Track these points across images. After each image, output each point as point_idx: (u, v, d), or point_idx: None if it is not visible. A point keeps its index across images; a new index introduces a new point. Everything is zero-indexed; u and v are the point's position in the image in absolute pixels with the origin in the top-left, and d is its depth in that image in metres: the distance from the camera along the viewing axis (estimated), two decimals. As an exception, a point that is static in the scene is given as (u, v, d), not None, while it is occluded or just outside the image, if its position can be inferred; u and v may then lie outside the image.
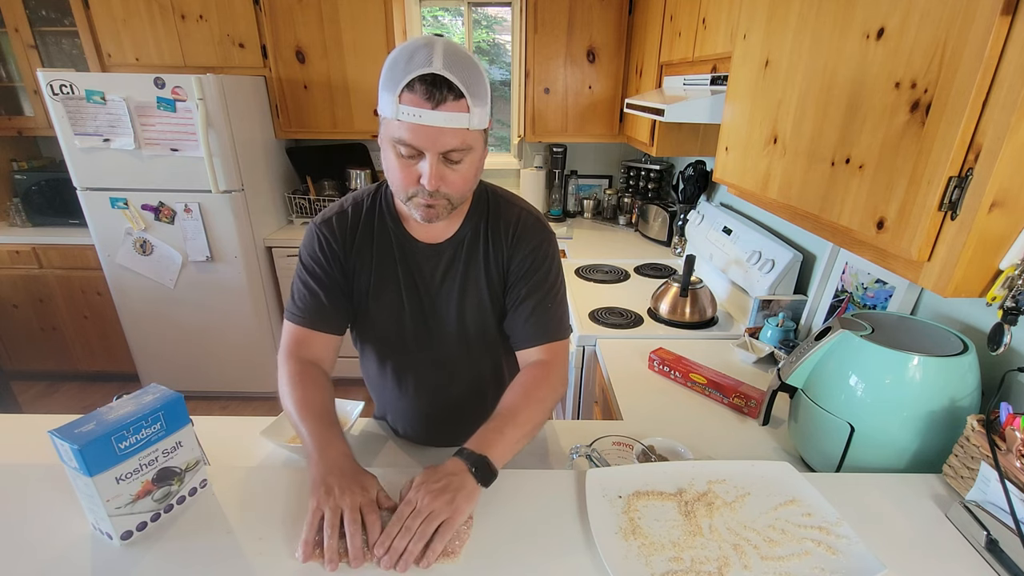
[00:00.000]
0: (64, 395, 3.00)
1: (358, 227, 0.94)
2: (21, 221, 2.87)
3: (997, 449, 0.72)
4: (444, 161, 0.77)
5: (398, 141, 0.76)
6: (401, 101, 0.73)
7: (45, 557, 0.68)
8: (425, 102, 0.72)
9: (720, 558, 0.67)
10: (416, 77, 0.72)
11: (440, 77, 0.72)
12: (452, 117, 0.73)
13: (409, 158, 0.78)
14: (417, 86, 0.72)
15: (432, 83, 0.72)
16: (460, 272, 0.94)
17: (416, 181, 0.79)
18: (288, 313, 0.95)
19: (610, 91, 2.70)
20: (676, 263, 2.33)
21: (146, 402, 0.70)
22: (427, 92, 0.72)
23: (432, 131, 0.74)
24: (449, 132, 0.74)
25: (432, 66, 0.71)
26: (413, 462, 1.02)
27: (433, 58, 0.72)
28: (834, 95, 0.89)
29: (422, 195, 0.80)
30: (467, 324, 0.97)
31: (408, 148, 0.76)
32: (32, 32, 2.66)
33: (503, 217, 0.95)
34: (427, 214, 0.83)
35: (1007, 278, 0.69)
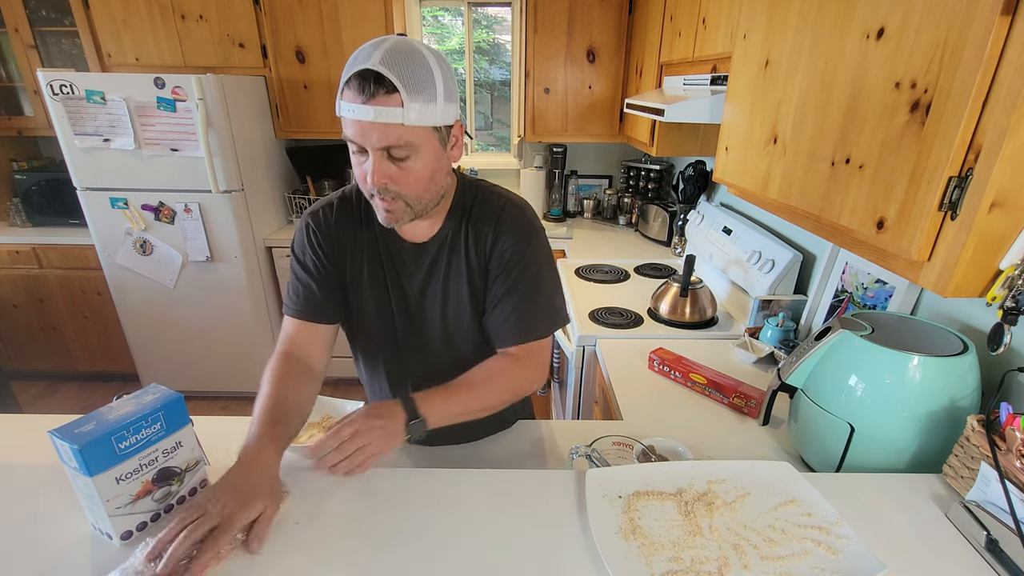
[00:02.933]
0: (64, 395, 3.00)
1: (345, 221, 0.94)
2: (21, 221, 2.87)
3: (997, 449, 0.72)
4: (389, 159, 0.77)
5: (347, 137, 0.77)
6: (342, 97, 0.75)
7: (45, 557, 0.68)
8: (358, 96, 0.73)
9: (720, 558, 0.67)
10: (353, 73, 0.73)
11: (373, 72, 0.72)
12: (383, 112, 0.73)
13: (359, 153, 0.78)
14: (353, 82, 0.73)
15: (364, 78, 0.72)
16: (443, 271, 0.94)
17: (364, 179, 0.79)
18: (284, 307, 0.97)
19: (610, 91, 2.70)
20: (676, 263, 2.33)
21: (146, 402, 0.70)
22: (360, 87, 0.73)
23: (365, 126, 0.74)
24: (381, 127, 0.74)
25: (369, 62, 0.72)
26: (409, 463, 1.02)
27: (372, 55, 0.73)
28: (834, 95, 0.89)
29: (378, 196, 0.81)
30: (450, 325, 0.96)
31: (353, 144, 0.77)
32: (32, 32, 2.66)
33: (486, 209, 0.93)
34: (386, 217, 0.83)
35: (1007, 278, 0.69)
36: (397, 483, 0.82)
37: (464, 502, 0.78)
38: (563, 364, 1.96)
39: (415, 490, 0.81)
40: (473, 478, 0.83)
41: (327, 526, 0.74)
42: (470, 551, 0.70)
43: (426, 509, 0.77)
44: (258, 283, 2.69)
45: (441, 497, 0.79)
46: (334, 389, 3.01)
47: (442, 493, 0.80)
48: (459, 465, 0.97)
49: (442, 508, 0.77)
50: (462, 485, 0.82)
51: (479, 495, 0.80)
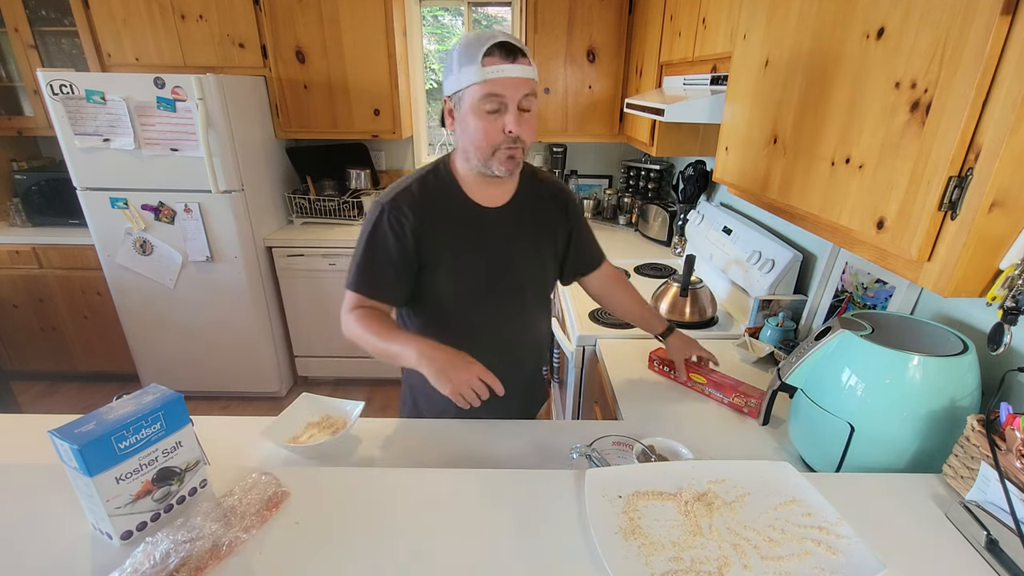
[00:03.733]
0: (64, 395, 3.00)
1: (426, 199, 1.07)
2: (21, 221, 2.87)
3: (997, 449, 0.72)
4: (520, 111, 0.97)
5: (486, 97, 0.95)
6: (484, 65, 0.93)
7: (45, 557, 0.68)
8: (504, 60, 0.93)
9: (720, 558, 0.67)
10: (495, 44, 0.93)
11: (509, 43, 0.94)
12: (525, 69, 0.96)
13: (492, 113, 0.96)
14: (495, 51, 0.93)
15: (505, 47, 0.94)
16: (524, 228, 1.14)
17: (500, 133, 0.97)
18: (355, 283, 1.08)
19: (610, 91, 2.70)
20: (676, 263, 2.33)
21: (146, 402, 0.70)
22: (504, 53, 0.93)
23: (513, 81, 0.94)
24: (523, 81, 0.96)
25: (496, 38, 0.93)
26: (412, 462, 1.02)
27: (496, 34, 0.95)
28: (834, 95, 0.89)
29: (505, 146, 0.99)
30: (529, 274, 1.17)
31: (494, 101, 0.95)
32: (32, 32, 2.66)
33: (550, 181, 1.21)
34: (509, 165, 1.01)
35: (1007, 278, 0.69)
36: (397, 483, 0.82)
37: (464, 502, 0.78)
38: (563, 364, 1.96)
39: (415, 490, 0.81)
40: (473, 478, 0.84)
41: (327, 526, 0.74)
42: (470, 551, 0.70)
43: (426, 509, 0.77)
44: (258, 283, 2.70)
45: (441, 497, 0.79)
46: (334, 389, 3.01)
47: (442, 493, 0.80)
48: (459, 465, 0.98)
49: (442, 508, 0.77)
50: (462, 485, 0.82)
51: (479, 495, 0.80)
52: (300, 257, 2.74)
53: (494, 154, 0.99)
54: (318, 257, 2.73)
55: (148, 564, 0.63)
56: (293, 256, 2.74)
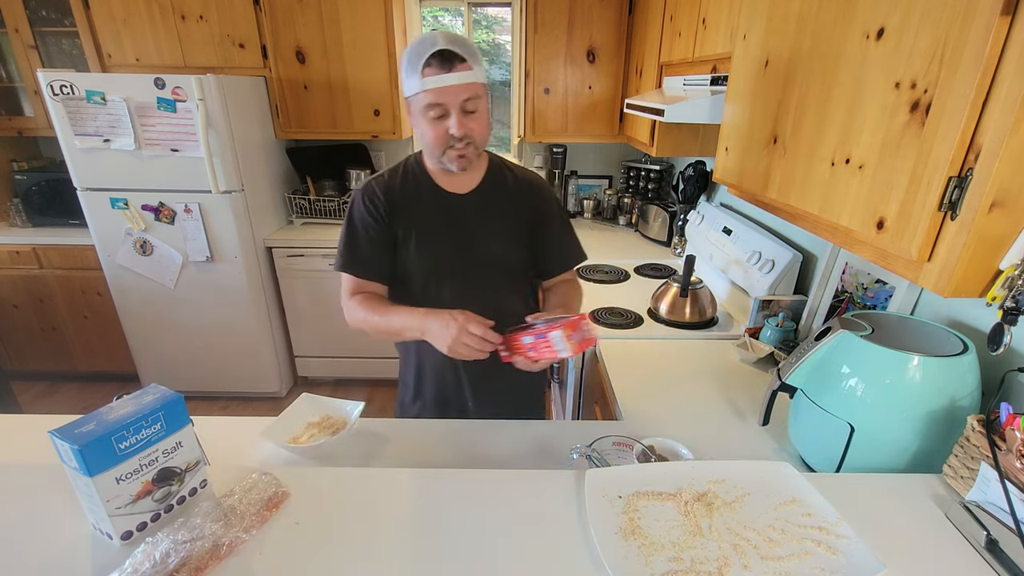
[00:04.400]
0: (64, 395, 3.00)
1: (397, 186, 1.16)
2: (21, 221, 2.87)
3: (997, 449, 0.72)
4: (464, 113, 1.03)
5: (428, 106, 1.01)
6: (424, 75, 0.99)
7: (45, 557, 0.68)
8: (442, 69, 0.99)
9: (720, 558, 0.67)
10: (432, 54, 0.98)
11: (447, 51, 0.98)
12: (463, 75, 1.00)
13: (438, 119, 1.03)
14: (434, 60, 0.98)
15: (443, 55, 0.98)
16: (488, 213, 1.19)
17: (445, 134, 1.03)
18: (343, 264, 1.16)
19: (610, 91, 2.70)
20: (676, 263, 2.33)
21: (146, 402, 0.70)
22: (441, 63, 0.98)
23: (452, 89, 1.00)
24: (462, 87, 1.00)
25: (440, 43, 0.98)
26: (412, 462, 1.02)
27: (438, 40, 0.99)
28: (834, 95, 0.89)
29: (453, 146, 1.05)
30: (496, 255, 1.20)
31: (437, 108, 1.01)
32: (32, 32, 2.66)
33: (521, 172, 1.26)
34: (460, 162, 1.08)
35: (1007, 278, 0.69)
36: (397, 483, 0.82)
37: (464, 502, 0.78)
38: (563, 364, 1.96)
39: (415, 490, 0.81)
40: (473, 478, 0.84)
41: (327, 526, 0.74)
42: (470, 551, 0.70)
43: (426, 509, 0.77)
44: (258, 283, 2.69)
45: (441, 497, 0.79)
46: (334, 389, 3.01)
47: (442, 493, 0.80)
48: (459, 465, 0.98)
49: (442, 508, 0.77)
50: (462, 485, 0.82)
51: (479, 495, 0.80)
52: (300, 257, 2.74)
53: (445, 152, 1.07)
54: (318, 257, 2.73)
55: (148, 564, 0.63)
56: (293, 256, 2.74)
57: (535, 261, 1.27)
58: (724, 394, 1.27)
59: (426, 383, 1.29)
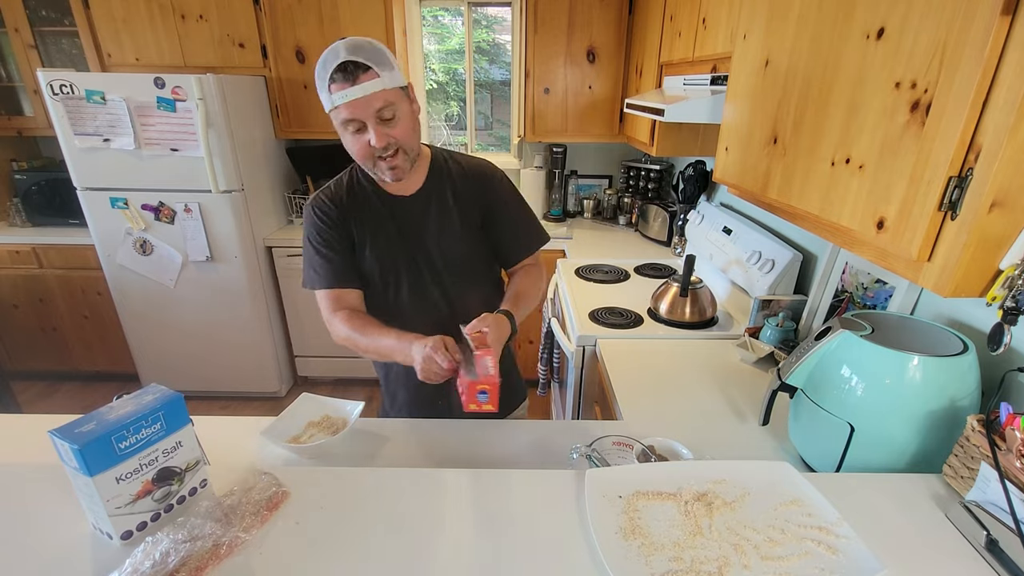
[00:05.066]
0: (64, 395, 3.00)
1: (344, 196, 1.14)
2: (21, 221, 2.87)
3: (997, 449, 0.72)
4: (381, 123, 0.98)
5: (344, 122, 0.98)
6: (332, 92, 0.95)
7: (45, 557, 0.68)
8: (346, 83, 0.94)
9: (720, 558, 0.67)
10: (334, 68, 0.94)
11: (348, 62, 0.94)
12: (369, 85, 0.95)
13: (357, 132, 0.99)
14: (337, 75, 0.94)
15: (345, 69, 0.94)
16: (436, 211, 1.15)
17: (368, 147, 1.00)
18: (311, 282, 1.16)
19: (610, 91, 2.70)
20: (676, 263, 2.33)
21: (146, 402, 0.70)
22: (344, 76, 0.94)
23: (362, 101, 0.95)
24: (372, 97, 0.96)
25: (340, 58, 0.94)
26: (412, 462, 1.02)
27: (340, 52, 0.94)
28: (834, 95, 0.89)
29: (382, 156, 1.01)
30: (446, 251, 1.17)
31: (353, 123, 0.98)
32: (32, 32, 2.66)
33: (466, 162, 1.20)
34: (393, 173, 1.04)
35: (1007, 278, 0.69)
36: (397, 483, 0.82)
37: (464, 502, 0.78)
38: (563, 364, 1.96)
39: (415, 490, 0.81)
40: (473, 478, 0.84)
41: (327, 526, 0.74)
42: (470, 551, 0.70)
43: (426, 509, 0.77)
44: (258, 283, 2.69)
45: (441, 497, 0.79)
46: (334, 389, 3.01)
47: (442, 493, 0.80)
48: (459, 465, 0.98)
49: (442, 508, 0.77)
50: (462, 485, 0.82)
51: (479, 495, 0.80)
52: (300, 257, 2.73)
53: (375, 165, 1.04)
54: (318, 257, 2.73)
55: (148, 564, 0.63)
56: (293, 256, 2.74)
57: (495, 250, 1.24)
58: (724, 394, 1.27)
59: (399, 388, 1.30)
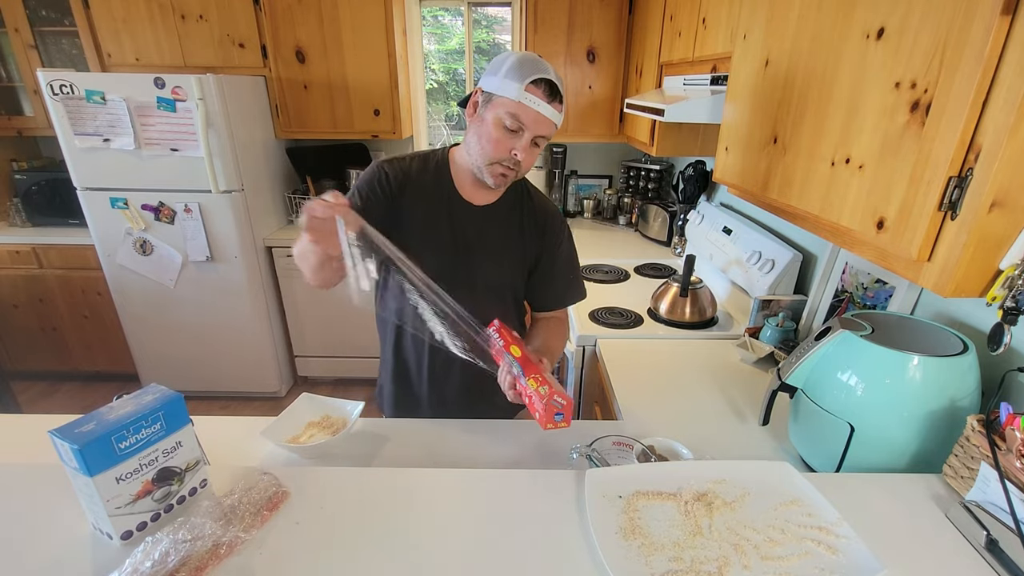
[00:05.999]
0: (64, 395, 3.00)
1: (414, 174, 1.13)
2: (21, 221, 2.87)
3: (997, 449, 0.72)
4: (532, 143, 1.03)
5: (511, 115, 0.99)
6: (527, 90, 0.98)
7: (45, 557, 0.68)
8: (547, 97, 0.99)
9: (720, 558, 0.67)
10: (542, 78, 0.98)
11: (555, 85, 1.00)
12: (555, 114, 1.02)
13: (511, 132, 1.01)
14: (544, 85, 0.99)
15: (552, 87, 1.00)
16: (499, 231, 1.17)
17: (507, 152, 1.03)
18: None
19: (610, 91, 2.70)
20: (676, 263, 2.33)
21: (146, 402, 0.70)
22: (549, 91, 1.00)
23: (542, 118, 1.00)
24: (548, 122, 1.01)
25: (551, 74, 1.00)
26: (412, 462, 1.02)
27: (549, 69, 1.00)
28: (834, 95, 0.89)
29: (504, 164, 1.04)
30: (489, 271, 1.18)
31: (517, 123, 1.00)
32: (32, 32, 2.66)
33: (542, 201, 1.23)
34: (500, 181, 1.07)
35: (1007, 278, 0.69)
36: (397, 483, 0.82)
37: (464, 502, 0.78)
38: (563, 364, 1.96)
39: (415, 490, 0.81)
40: (473, 478, 0.84)
41: (327, 526, 0.74)
42: (470, 551, 0.70)
43: (426, 509, 0.77)
44: (258, 283, 2.69)
45: (441, 497, 0.79)
46: (333, 389, 3.01)
47: (442, 493, 0.80)
48: (460, 465, 0.98)
49: (442, 508, 0.77)
50: (462, 485, 0.82)
51: (479, 495, 0.80)
52: (300, 257, 2.74)
53: (491, 164, 1.04)
54: (318, 257, 2.73)
55: (148, 564, 0.63)
56: (293, 256, 2.74)
57: (531, 290, 1.25)
58: (724, 394, 1.27)
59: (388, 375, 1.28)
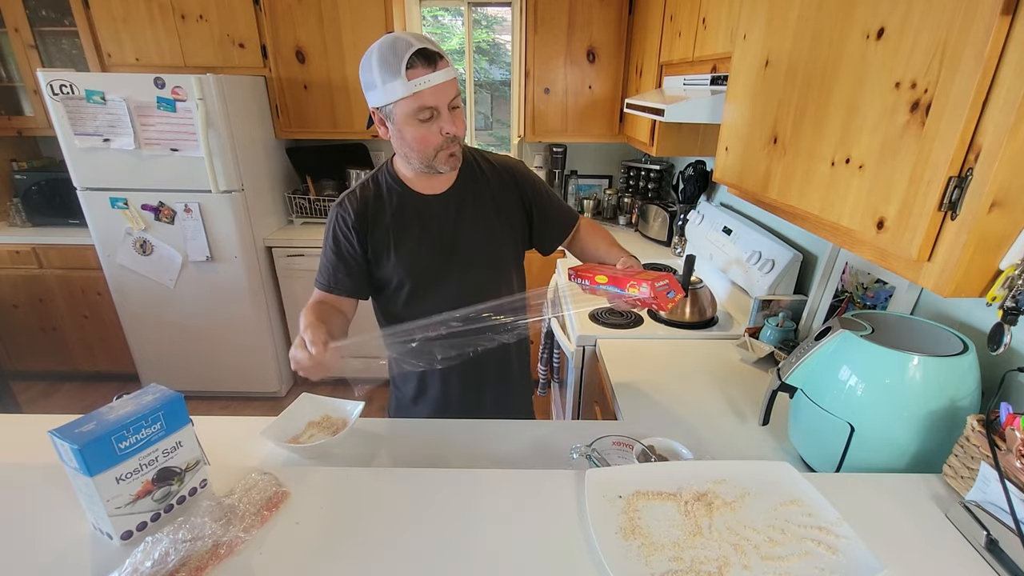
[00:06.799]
0: (64, 395, 3.00)
1: (369, 198, 1.13)
2: (21, 221, 2.87)
3: (997, 449, 0.72)
4: (451, 111, 1.00)
5: (418, 109, 0.97)
6: (409, 78, 0.94)
7: (45, 557, 0.68)
8: (428, 68, 0.94)
9: (720, 558, 0.67)
10: (414, 53, 0.93)
11: (426, 50, 0.94)
12: (447, 72, 0.97)
13: (427, 121, 0.99)
14: (417, 60, 0.93)
15: (425, 55, 0.94)
16: (472, 209, 1.16)
17: (438, 136, 1.00)
18: (316, 282, 1.18)
19: (610, 91, 2.70)
20: (676, 263, 2.33)
21: (146, 402, 0.70)
22: (426, 61, 0.94)
23: (441, 87, 0.96)
24: (449, 84, 0.98)
25: (415, 45, 0.93)
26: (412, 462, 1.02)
27: (411, 41, 0.94)
28: (834, 95, 0.89)
29: (445, 147, 1.02)
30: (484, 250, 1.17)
31: (427, 111, 0.97)
32: (32, 32, 2.67)
33: (492, 160, 1.21)
34: (452, 161, 1.05)
35: (1007, 278, 0.69)
36: (397, 483, 0.82)
37: (464, 502, 0.78)
38: (563, 364, 1.96)
39: (415, 490, 0.81)
40: (473, 478, 0.84)
41: (327, 526, 0.74)
42: (470, 551, 0.70)
43: (426, 509, 0.77)
44: (258, 283, 2.69)
45: (441, 497, 0.79)
46: (333, 389, 3.00)
47: (442, 493, 0.80)
48: (459, 465, 0.98)
49: (442, 508, 0.77)
50: (462, 485, 0.82)
51: (479, 495, 0.80)
52: (300, 257, 2.74)
53: (436, 155, 1.04)
54: (318, 257, 2.72)
55: (148, 564, 0.63)
56: (293, 256, 2.74)
57: (544, 236, 1.26)
58: (724, 394, 1.27)
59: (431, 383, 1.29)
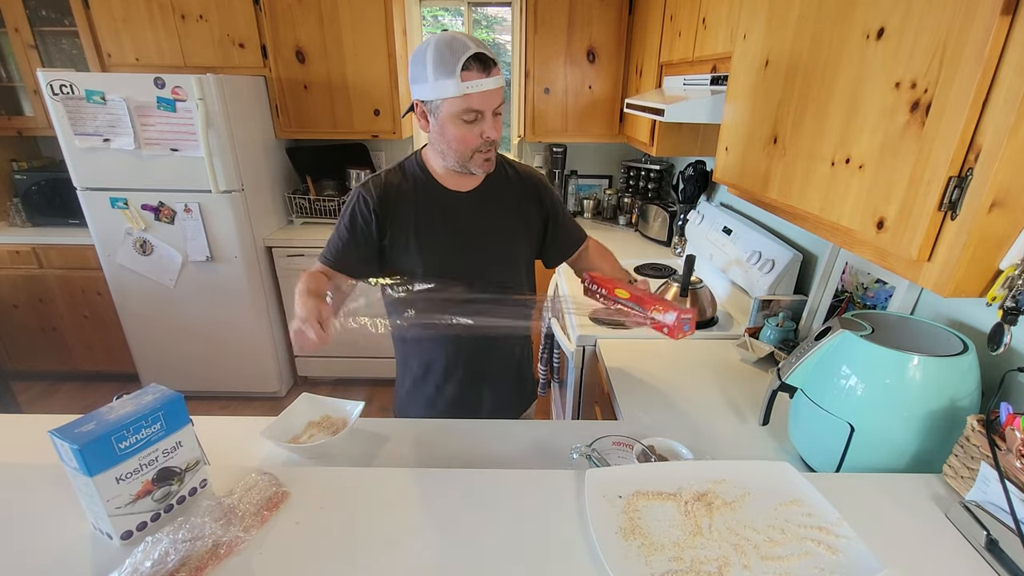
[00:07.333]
0: (64, 395, 3.00)
1: (394, 184, 1.15)
2: (21, 221, 2.87)
3: (997, 449, 0.72)
4: (495, 116, 1.04)
5: (465, 111, 1.00)
6: (463, 79, 0.97)
7: (45, 557, 0.68)
8: (482, 73, 0.98)
9: (720, 558, 0.67)
10: (470, 57, 0.96)
11: (483, 55, 0.98)
12: (498, 79, 1.01)
13: (471, 123, 1.02)
14: (473, 64, 0.97)
15: (481, 60, 0.97)
16: (495, 210, 1.19)
17: (479, 138, 1.04)
18: (321, 256, 1.18)
19: (610, 91, 2.70)
20: (676, 263, 2.33)
21: (146, 402, 0.70)
22: (482, 66, 0.98)
23: (490, 94, 1.00)
24: (498, 92, 1.02)
25: (472, 49, 0.96)
26: (412, 462, 1.02)
27: (468, 44, 0.97)
28: (834, 95, 0.89)
29: (482, 150, 1.06)
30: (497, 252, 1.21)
31: (473, 113, 1.01)
32: (32, 32, 2.66)
33: (523, 169, 1.26)
34: (486, 165, 1.09)
35: (1007, 278, 0.69)
36: (397, 483, 0.82)
37: (464, 502, 0.78)
38: (563, 364, 1.96)
39: (415, 490, 0.81)
40: (473, 478, 0.84)
41: (327, 526, 0.74)
42: (470, 551, 0.70)
43: (426, 509, 0.77)
44: (258, 283, 2.69)
45: (441, 497, 0.79)
46: (334, 389, 3.01)
47: (442, 493, 0.80)
48: (459, 465, 0.98)
49: (442, 508, 0.77)
50: (462, 485, 0.82)
51: (479, 495, 0.80)
52: (300, 257, 2.74)
53: (472, 156, 1.07)
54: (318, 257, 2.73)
55: (148, 564, 0.63)
56: (293, 256, 2.74)
57: (553, 250, 1.31)
58: (724, 394, 1.27)
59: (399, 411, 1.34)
